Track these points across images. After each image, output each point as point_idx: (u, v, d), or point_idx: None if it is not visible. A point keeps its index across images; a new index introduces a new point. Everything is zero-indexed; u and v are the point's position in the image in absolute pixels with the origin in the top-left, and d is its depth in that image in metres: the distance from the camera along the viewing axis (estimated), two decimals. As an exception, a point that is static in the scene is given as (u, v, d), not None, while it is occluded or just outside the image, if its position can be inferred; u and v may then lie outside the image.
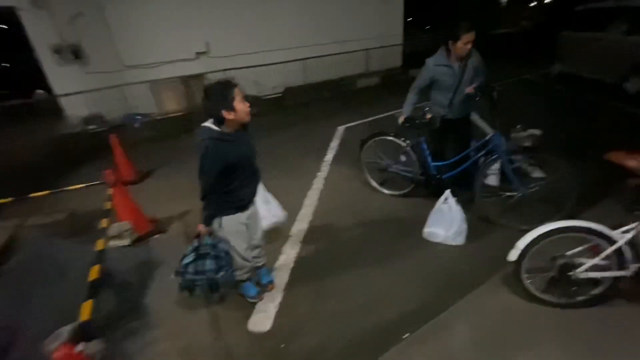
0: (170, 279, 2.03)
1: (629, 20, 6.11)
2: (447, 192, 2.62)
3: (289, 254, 2.76)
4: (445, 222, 2.60)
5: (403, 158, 3.33)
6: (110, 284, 2.63)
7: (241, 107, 1.72)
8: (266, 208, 2.53)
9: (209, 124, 1.77)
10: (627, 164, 1.56)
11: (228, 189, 1.86)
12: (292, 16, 9.39)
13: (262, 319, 2.17)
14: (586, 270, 1.77)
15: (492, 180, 3.46)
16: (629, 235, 1.69)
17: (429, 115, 3.07)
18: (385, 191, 3.60)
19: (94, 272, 1.82)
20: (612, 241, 1.71)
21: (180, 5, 7.94)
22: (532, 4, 33.04)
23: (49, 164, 5.50)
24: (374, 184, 3.70)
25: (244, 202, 2.00)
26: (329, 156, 4.88)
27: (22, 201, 3.42)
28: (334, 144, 5.38)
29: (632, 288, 1.83)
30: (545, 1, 31.52)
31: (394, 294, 2.24)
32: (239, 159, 1.81)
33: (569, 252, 1.86)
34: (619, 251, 1.70)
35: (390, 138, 3.33)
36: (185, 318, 2.27)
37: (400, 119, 3.12)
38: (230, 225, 1.97)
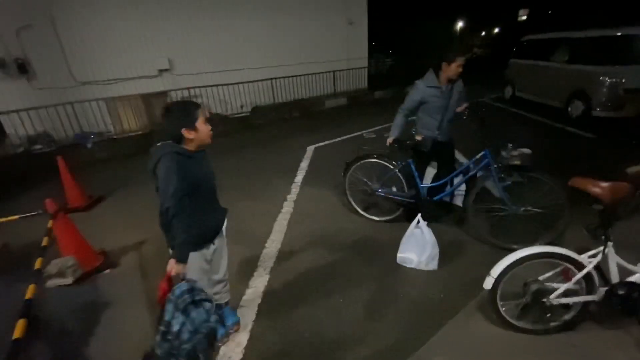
0: None
1: (569, 50, 6.77)
2: (419, 216, 2.59)
3: (256, 288, 2.54)
4: (418, 247, 2.55)
5: (390, 181, 3.22)
6: (45, 334, 2.26)
7: (204, 128, 1.61)
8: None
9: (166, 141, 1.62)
10: (591, 191, 1.60)
11: (196, 215, 1.63)
12: (260, 36, 9.42)
13: (227, 366, 1.94)
14: (558, 296, 1.77)
15: (458, 200, 3.54)
16: (596, 260, 1.72)
17: (419, 137, 3.04)
18: (373, 217, 3.42)
19: (18, 329, 1.51)
20: (581, 266, 1.73)
21: (140, 20, 7.66)
22: (482, 34, 36.30)
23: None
24: (359, 209, 3.51)
25: (214, 231, 1.82)
26: (299, 177, 4.77)
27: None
28: (304, 164, 5.29)
29: (601, 311, 1.85)
30: (494, 31, 34.76)
31: (368, 329, 2.11)
32: (203, 177, 1.69)
33: (541, 277, 1.86)
34: (587, 276, 1.72)
35: (378, 160, 3.21)
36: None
37: (389, 141, 3.06)
38: (194, 263, 1.68)
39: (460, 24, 30.61)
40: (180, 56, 8.32)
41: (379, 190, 3.28)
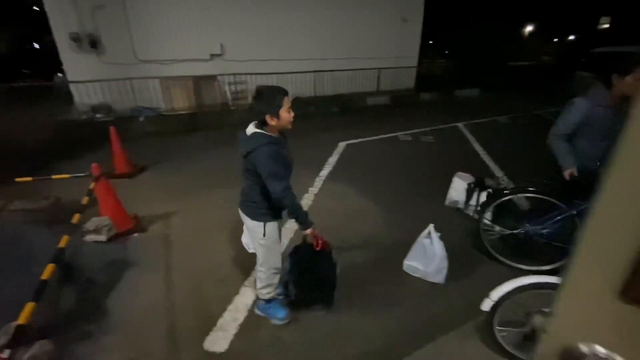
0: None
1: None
2: (430, 226, 2.52)
3: (262, 271, 2.67)
4: (426, 258, 2.49)
5: (552, 223, 2.49)
6: (76, 280, 2.58)
7: (285, 116, 1.72)
8: None
9: (254, 128, 1.76)
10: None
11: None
12: (308, 28, 9.53)
13: (220, 338, 2.08)
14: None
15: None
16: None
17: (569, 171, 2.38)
18: (522, 266, 2.67)
19: (47, 272, 1.76)
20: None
21: (199, 6, 8.11)
22: (554, 40, 33.12)
23: (54, 147, 5.58)
24: (495, 254, 2.75)
25: (283, 208, 1.94)
26: (325, 172, 4.82)
27: (12, 184, 3.42)
28: (333, 160, 5.33)
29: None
30: (568, 38, 31.56)
31: (360, 330, 2.13)
32: (288, 160, 1.84)
33: (545, 309, 1.74)
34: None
35: (540, 197, 2.54)
36: (142, 327, 2.19)
37: (568, 173, 2.36)
38: (273, 233, 1.94)
39: (529, 28, 28.32)
40: (232, 42, 8.71)
41: (532, 232, 2.54)
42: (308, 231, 1.87)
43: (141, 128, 7.05)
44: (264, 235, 1.90)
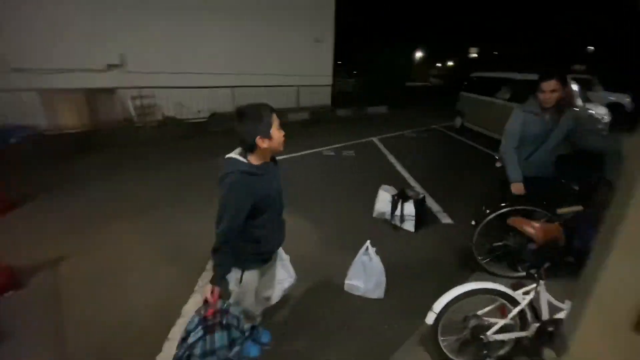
0: None
1: (511, 89, 7.46)
2: (367, 243, 2.55)
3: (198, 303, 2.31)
4: (365, 275, 2.50)
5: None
6: None
7: (277, 136, 1.49)
8: (281, 264, 1.95)
9: (235, 155, 1.50)
10: (526, 230, 1.66)
11: (255, 234, 1.58)
12: (222, 41, 9.19)
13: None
14: (495, 332, 1.79)
15: (408, 225, 3.61)
16: (529, 297, 1.78)
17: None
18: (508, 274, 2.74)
19: None
20: (516, 303, 1.77)
21: (91, 7, 7.06)
22: (437, 65, 39.34)
23: None
24: (490, 266, 2.80)
25: (270, 252, 1.75)
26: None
27: None
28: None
29: (532, 346, 1.90)
30: (448, 64, 37.84)
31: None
32: (268, 195, 1.55)
33: (480, 312, 1.88)
34: (521, 312, 1.77)
35: (531, 208, 2.54)
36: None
37: (517, 188, 2.54)
38: (251, 282, 1.68)
39: (419, 54, 32.88)
40: (134, 52, 7.79)
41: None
42: (207, 287, 1.51)
43: (14, 152, 5.65)
44: (240, 282, 1.65)
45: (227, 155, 1.52)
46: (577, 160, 2.82)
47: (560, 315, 1.80)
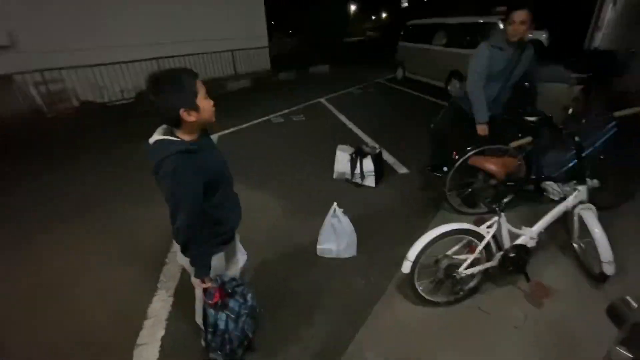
0: None
1: (446, 34, 7.61)
2: (334, 205, 2.50)
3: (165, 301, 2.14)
4: (336, 237, 2.48)
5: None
6: None
7: (206, 105, 1.26)
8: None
9: (161, 135, 1.23)
10: (487, 168, 1.70)
11: (215, 216, 1.39)
12: (141, 3, 7.95)
13: None
14: (466, 268, 1.89)
15: (369, 181, 3.64)
16: (493, 230, 1.88)
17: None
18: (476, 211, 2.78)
19: None
20: (481, 237, 1.87)
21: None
22: (372, 17, 38.92)
23: None
24: (462, 207, 2.87)
25: (233, 229, 1.57)
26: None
27: None
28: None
29: (497, 273, 2.07)
30: (383, 16, 37.56)
31: (296, 334, 1.95)
32: (217, 170, 1.37)
33: (449, 252, 1.96)
34: (487, 245, 1.88)
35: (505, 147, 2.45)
36: None
37: (482, 129, 2.47)
38: (219, 267, 1.51)
39: (352, 8, 32.05)
40: (29, 29, 6.44)
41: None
42: (196, 281, 1.42)
43: None
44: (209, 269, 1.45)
45: (152, 139, 1.25)
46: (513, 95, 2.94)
47: (519, 240, 1.95)
